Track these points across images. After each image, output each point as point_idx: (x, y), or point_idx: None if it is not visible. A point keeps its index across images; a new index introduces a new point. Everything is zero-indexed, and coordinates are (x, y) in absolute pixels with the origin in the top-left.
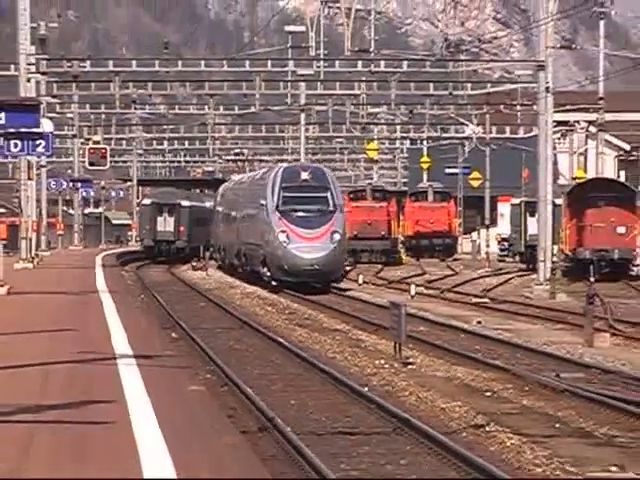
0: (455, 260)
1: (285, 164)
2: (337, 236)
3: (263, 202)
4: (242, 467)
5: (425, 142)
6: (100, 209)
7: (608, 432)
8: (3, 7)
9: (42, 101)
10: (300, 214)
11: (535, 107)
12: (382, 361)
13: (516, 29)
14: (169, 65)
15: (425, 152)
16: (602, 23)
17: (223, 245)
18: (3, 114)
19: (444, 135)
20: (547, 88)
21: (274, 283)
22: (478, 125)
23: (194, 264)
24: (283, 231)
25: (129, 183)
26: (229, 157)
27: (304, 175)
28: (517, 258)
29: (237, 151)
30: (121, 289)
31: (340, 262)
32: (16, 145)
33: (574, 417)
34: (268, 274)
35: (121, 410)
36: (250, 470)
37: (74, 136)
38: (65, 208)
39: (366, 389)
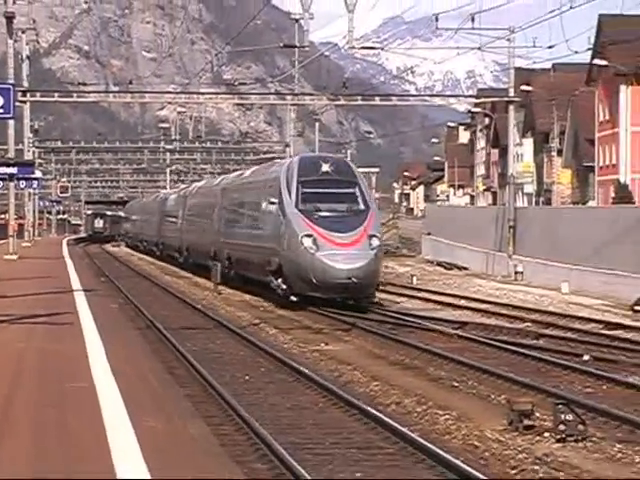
0: None
1: (301, 154)
2: (376, 241)
3: (274, 200)
4: (137, 344)
5: None
6: (65, 216)
7: (322, 327)
8: (15, 114)
9: (35, 161)
10: (326, 214)
11: None
12: (207, 292)
13: (275, 126)
14: (101, 144)
15: None
16: (317, 124)
17: (188, 245)
18: (16, 168)
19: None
20: (290, 156)
21: (293, 299)
22: None
23: (113, 244)
24: (309, 235)
25: (80, 202)
26: (130, 189)
27: (325, 167)
28: None
29: (134, 186)
30: (75, 256)
31: (378, 274)
32: (22, 183)
33: (305, 319)
34: (284, 287)
35: (75, 317)
36: (140, 345)
37: (52, 179)
38: (47, 215)
39: (200, 306)
